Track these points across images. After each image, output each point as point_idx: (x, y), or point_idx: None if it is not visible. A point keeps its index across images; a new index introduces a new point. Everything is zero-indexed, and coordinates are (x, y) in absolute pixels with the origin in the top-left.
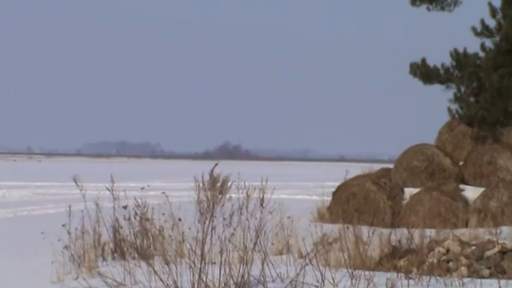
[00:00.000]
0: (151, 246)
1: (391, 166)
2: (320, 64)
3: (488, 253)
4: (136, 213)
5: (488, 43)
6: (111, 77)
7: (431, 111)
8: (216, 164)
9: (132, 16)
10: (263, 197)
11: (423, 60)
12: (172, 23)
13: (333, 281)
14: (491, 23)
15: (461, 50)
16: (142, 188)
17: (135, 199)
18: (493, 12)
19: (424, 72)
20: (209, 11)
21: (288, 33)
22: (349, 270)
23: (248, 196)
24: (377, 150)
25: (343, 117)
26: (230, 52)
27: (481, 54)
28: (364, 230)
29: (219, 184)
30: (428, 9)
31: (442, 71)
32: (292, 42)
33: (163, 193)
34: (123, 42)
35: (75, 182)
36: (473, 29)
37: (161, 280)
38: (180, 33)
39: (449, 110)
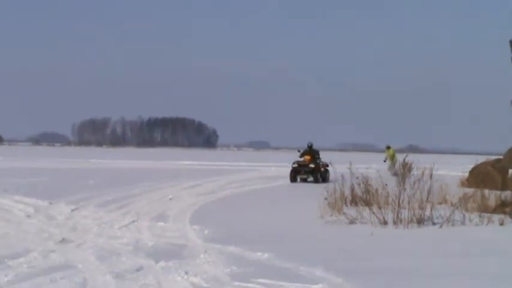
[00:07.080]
0: (371, 199)
1: (501, 157)
2: (459, 63)
3: None
4: (362, 181)
5: None
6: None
7: None
8: (407, 155)
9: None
10: (431, 173)
11: None
12: None
13: (469, 218)
14: None
15: None
16: (366, 168)
17: (361, 174)
18: None
19: None
20: None
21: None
22: (478, 213)
23: (423, 173)
24: (490, 146)
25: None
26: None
27: None
28: (486, 192)
29: (407, 166)
30: None
31: None
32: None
33: (377, 171)
34: None
35: (350, 164)
36: None
37: (376, 217)
38: None
39: None
